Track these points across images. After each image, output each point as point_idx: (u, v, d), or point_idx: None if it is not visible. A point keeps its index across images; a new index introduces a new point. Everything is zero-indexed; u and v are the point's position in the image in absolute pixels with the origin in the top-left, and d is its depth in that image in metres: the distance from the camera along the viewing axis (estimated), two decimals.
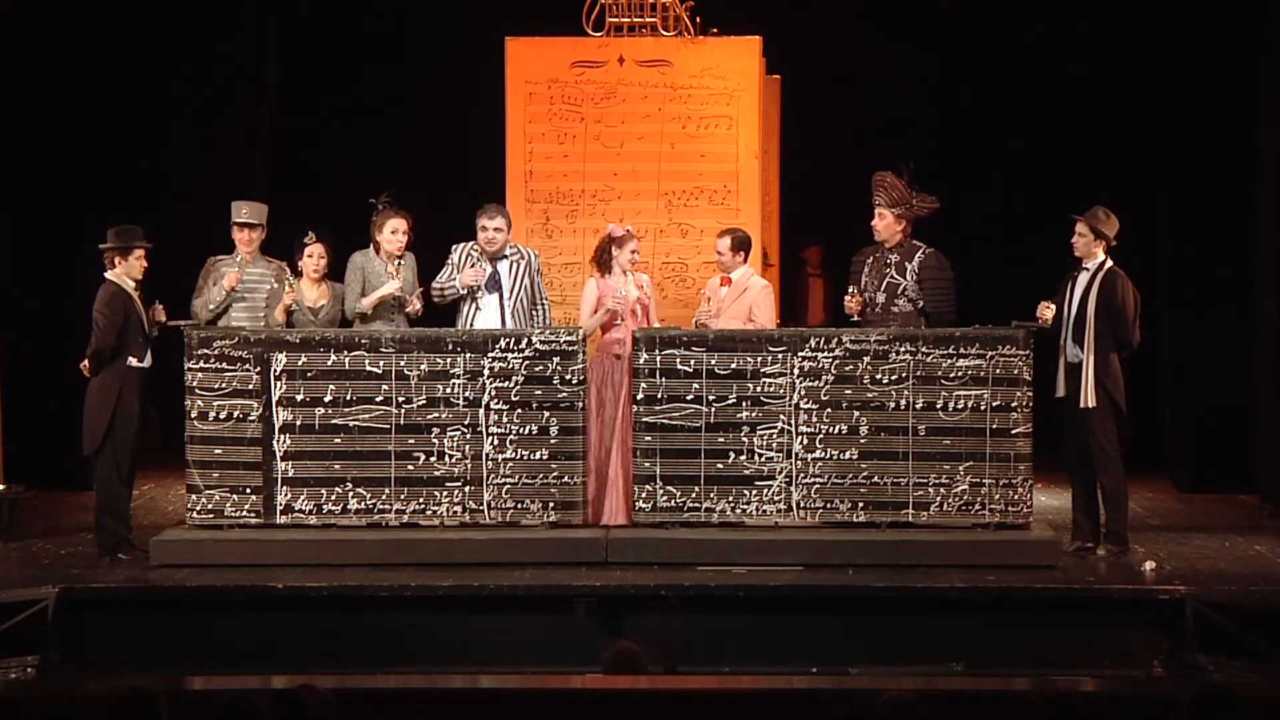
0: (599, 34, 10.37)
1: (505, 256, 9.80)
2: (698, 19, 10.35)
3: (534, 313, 9.82)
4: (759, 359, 9.38)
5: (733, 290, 9.78)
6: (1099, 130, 12.38)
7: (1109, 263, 9.48)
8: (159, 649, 8.78)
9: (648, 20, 10.38)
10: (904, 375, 9.34)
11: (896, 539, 9.30)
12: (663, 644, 7.59)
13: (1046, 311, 9.43)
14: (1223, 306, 11.74)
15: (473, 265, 9.76)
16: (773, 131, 11.09)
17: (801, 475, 9.37)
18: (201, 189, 11.72)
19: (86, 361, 9.49)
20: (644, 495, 9.41)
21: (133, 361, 9.45)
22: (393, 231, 9.73)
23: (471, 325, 9.73)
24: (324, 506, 9.40)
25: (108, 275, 9.53)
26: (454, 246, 9.87)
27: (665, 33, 10.37)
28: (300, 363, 9.40)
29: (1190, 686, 6.46)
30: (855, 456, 9.37)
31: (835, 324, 9.82)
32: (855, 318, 9.78)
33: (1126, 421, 9.48)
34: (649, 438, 9.40)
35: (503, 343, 9.42)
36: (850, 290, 9.85)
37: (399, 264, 9.73)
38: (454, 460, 9.40)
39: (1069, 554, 9.46)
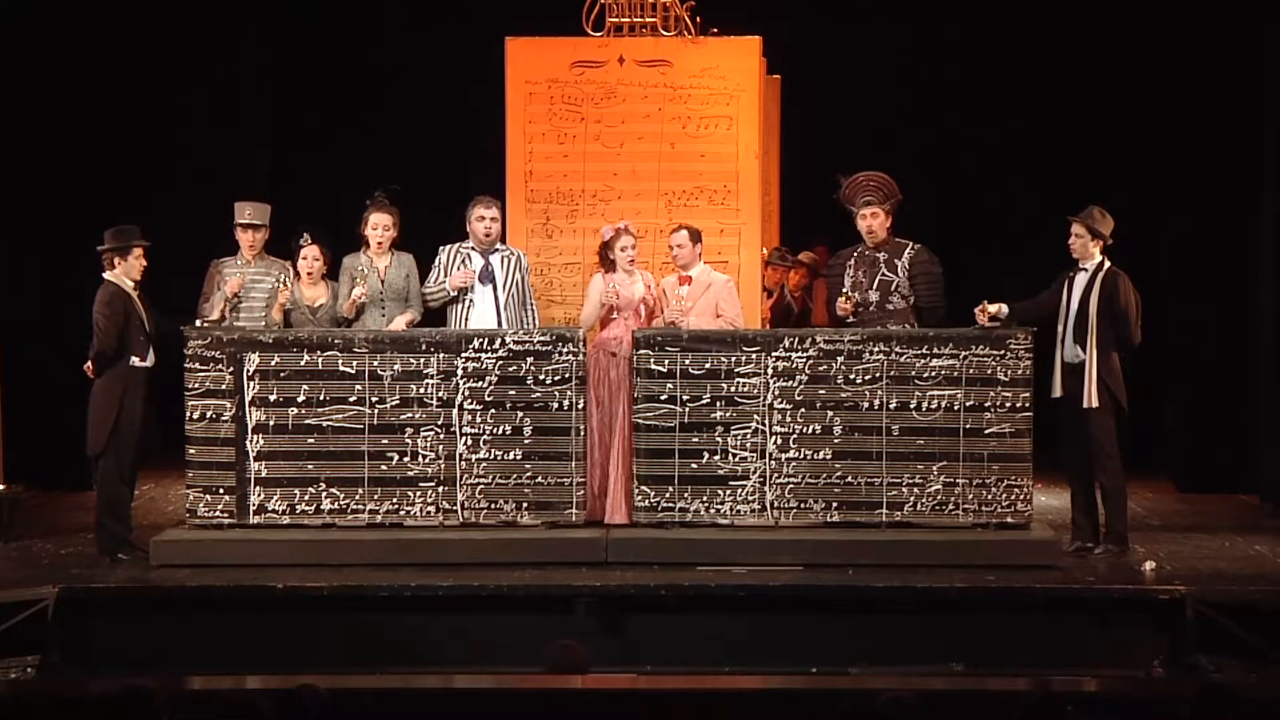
0: (599, 34, 10.36)
1: (496, 251, 9.80)
2: (698, 19, 10.33)
3: (524, 314, 9.78)
4: (733, 359, 9.37)
5: (696, 287, 9.77)
6: (1099, 130, 12.38)
7: (1107, 263, 9.47)
8: (159, 649, 8.78)
9: (648, 20, 10.36)
10: (878, 375, 9.34)
11: (896, 539, 9.30)
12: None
13: (982, 316, 9.38)
14: (1223, 306, 11.74)
15: (460, 265, 9.75)
16: (773, 131, 11.08)
17: (775, 475, 9.37)
18: (202, 189, 11.73)
19: (90, 364, 9.49)
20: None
21: (135, 361, 9.45)
22: (373, 227, 9.74)
23: (466, 321, 9.72)
24: (297, 507, 9.39)
25: (106, 276, 9.51)
26: (440, 248, 9.86)
27: (665, 33, 10.35)
28: (273, 363, 9.38)
29: (1190, 686, 6.47)
30: (829, 456, 9.37)
31: (838, 324, 9.79)
32: (850, 319, 9.76)
33: (1127, 421, 9.49)
34: None
35: (476, 343, 9.40)
36: (843, 293, 9.82)
37: (389, 260, 9.71)
38: (427, 460, 9.39)
39: (1069, 554, 9.46)
